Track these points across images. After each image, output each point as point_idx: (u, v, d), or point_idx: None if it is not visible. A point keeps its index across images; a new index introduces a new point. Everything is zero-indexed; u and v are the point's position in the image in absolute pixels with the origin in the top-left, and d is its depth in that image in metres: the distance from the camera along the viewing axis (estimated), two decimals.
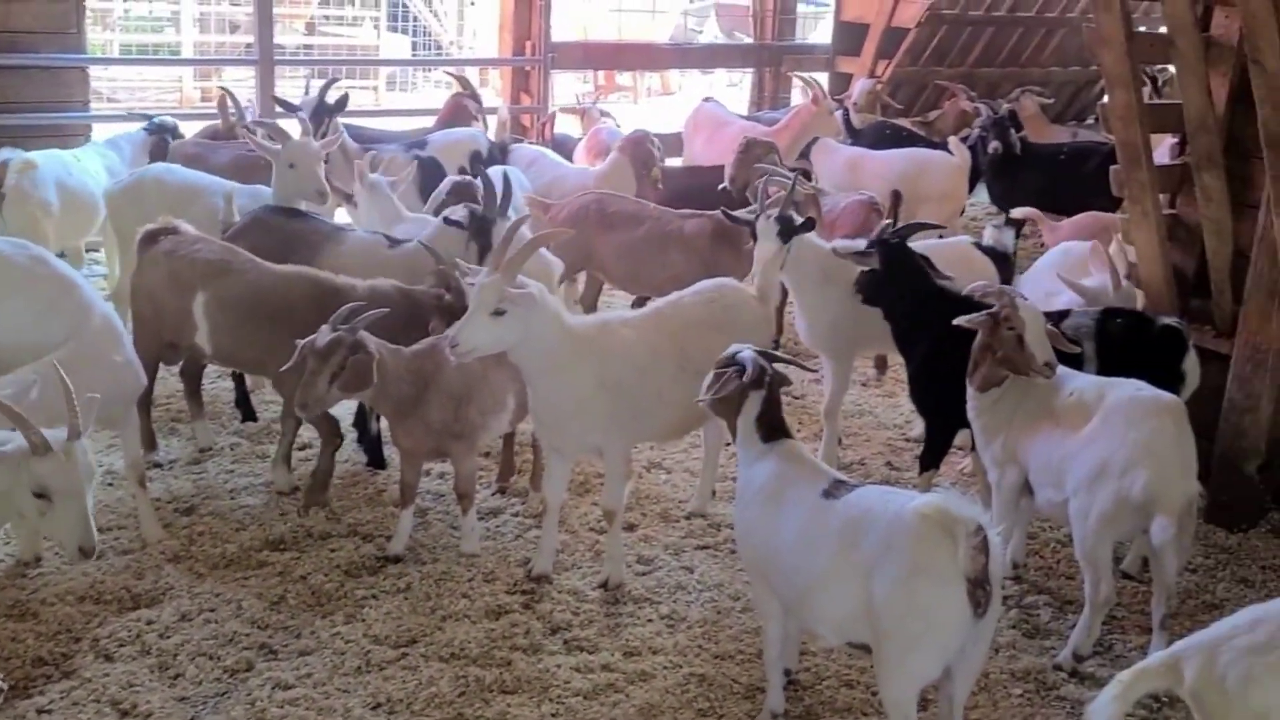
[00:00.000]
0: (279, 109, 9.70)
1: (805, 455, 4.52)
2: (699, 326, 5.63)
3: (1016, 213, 8.95)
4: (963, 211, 11.20)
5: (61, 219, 8.59)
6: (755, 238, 6.50)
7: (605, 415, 5.31)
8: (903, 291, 5.99)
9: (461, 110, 10.88)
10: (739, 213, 6.86)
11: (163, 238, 6.26)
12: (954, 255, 6.98)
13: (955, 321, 5.27)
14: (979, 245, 7.28)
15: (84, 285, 5.64)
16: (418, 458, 5.74)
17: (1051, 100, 13.75)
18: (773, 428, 4.53)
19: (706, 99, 12.77)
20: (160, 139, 9.58)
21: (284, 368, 5.36)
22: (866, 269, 6.06)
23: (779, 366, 4.62)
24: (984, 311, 5.25)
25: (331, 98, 9.29)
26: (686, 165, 11.29)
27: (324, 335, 5.21)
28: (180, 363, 6.79)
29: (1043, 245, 12.31)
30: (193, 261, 6.13)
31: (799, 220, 6.59)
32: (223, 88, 10.46)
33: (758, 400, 4.51)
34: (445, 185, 7.97)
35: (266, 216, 7.00)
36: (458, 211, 6.83)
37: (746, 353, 4.57)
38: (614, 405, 5.30)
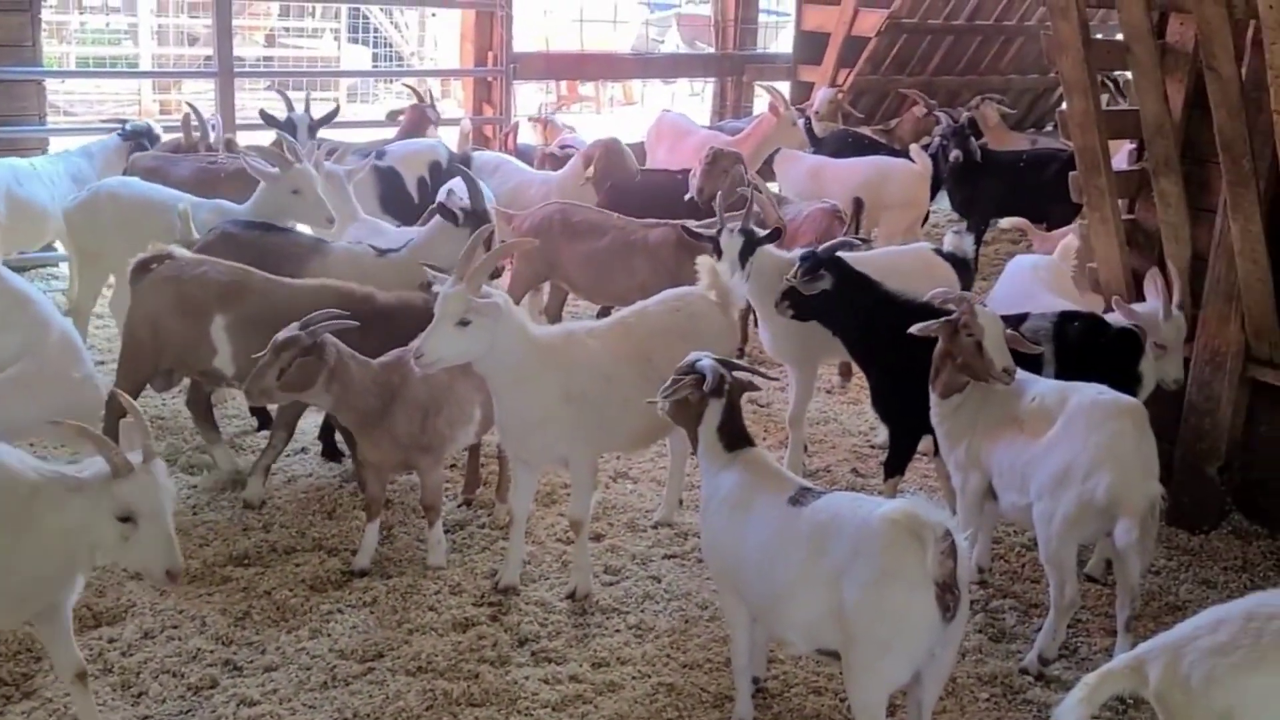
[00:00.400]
0: (265, 123, 9.58)
1: (770, 463, 4.53)
2: (663, 335, 5.64)
3: (1005, 223, 9.01)
4: (927, 218, 11.28)
5: (9, 228, 8.51)
6: (719, 252, 6.54)
7: (571, 426, 5.30)
8: (857, 306, 6.02)
9: (421, 121, 10.89)
10: (699, 226, 6.89)
11: (156, 264, 6.17)
12: (915, 261, 7.04)
13: (912, 330, 5.31)
14: (939, 251, 7.32)
15: (39, 300, 5.56)
16: (384, 471, 5.71)
17: (1012, 110, 13.89)
18: (735, 436, 4.53)
19: (667, 110, 12.82)
20: (137, 145, 9.50)
21: (254, 356, 5.32)
22: (788, 288, 6.08)
23: (738, 374, 4.62)
24: (942, 318, 5.29)
25: (314, 109, 9.30)
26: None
27: (287, 331, 5.19)
28: (163, 388, 6.71)
29: (1011, 255, 12.46)
30: (205, 284, 6.05)
31: (762, 233, 6.61)
32: (189, 104, 10.31)
33: (718, 409, 4.52)
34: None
35: (237, 231, 6.85)
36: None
37: (705, 361, 4.57)
38: (580, 415, 5.29)
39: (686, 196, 8.92)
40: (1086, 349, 5.84)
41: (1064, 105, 6.57)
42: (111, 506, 3.94)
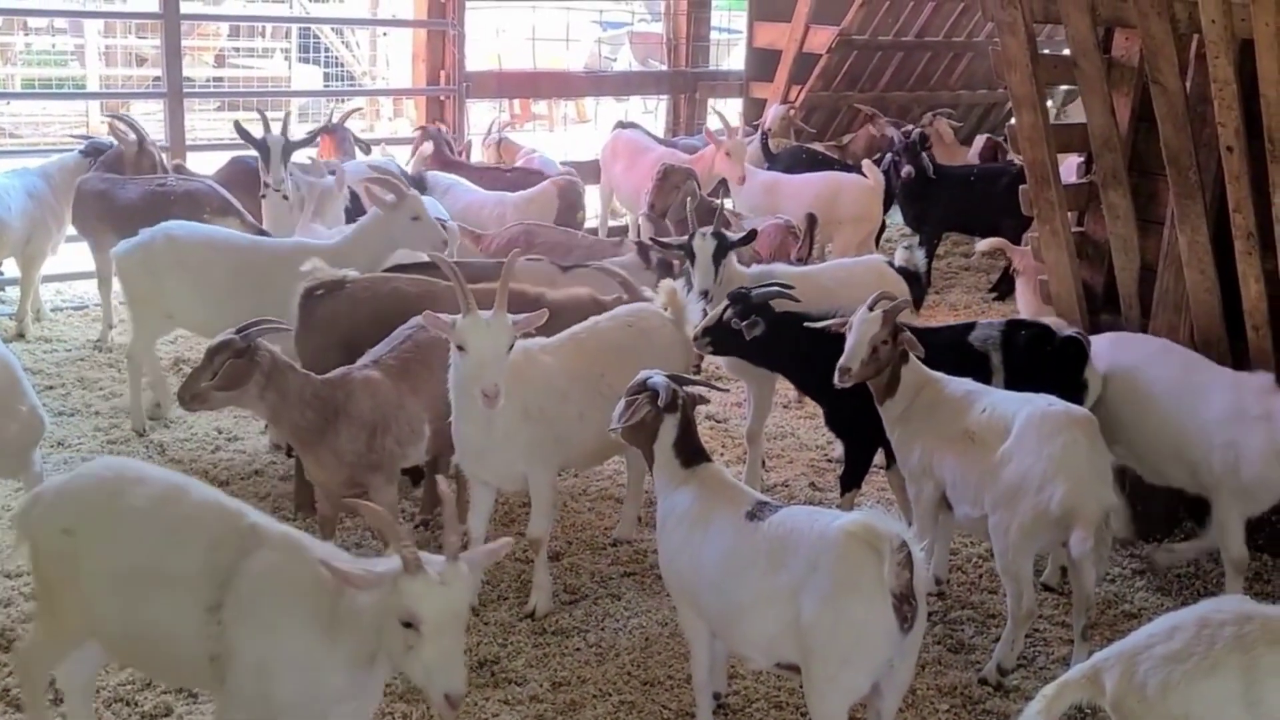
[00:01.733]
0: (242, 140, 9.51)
1: (727, 478, 4.53)
2: (616, 351, 5.64)
3: (983, 245, 9.05)
4: (882, 232, 11.38)
5: None
6: (691, 257, 6.55)
7: (529, 444, 5.28)
8: (792, 344, 6.03)
9: (345, 142, 10.97)
10: (666, 239, 6.90)
11: (324, 289, 6.19)
12: (867, 273, 7.07)
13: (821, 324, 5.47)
14: (891, 264, 7.37)
15: None
16: (332, 490, 5.63)
17: (960, 124, 14.03)
18: (692, 452, 4.53)
19: (626, 125, 12.79)
20: (96, 162, 9.36)
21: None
22: (709, 325, 6.12)
23: (690, 388, 4.62)
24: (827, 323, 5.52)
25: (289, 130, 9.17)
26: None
27: (221, 336, 5.16)
28: None
29: (964, 268, 12.58)
30: (402, 296, 6.14)
31: (735, 237, 6.64)
32: (119, 116, 10.12)
33: (673, 425, 4.51)
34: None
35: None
36: None
37: (657, 378, 4.57)
38: (538, 433, 5.27)
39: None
40: (1033, 356, 5.90)
41: (1013, 120, 6.65)
42: (395, 607, 3.44)
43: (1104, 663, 3.54)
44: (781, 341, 6.04)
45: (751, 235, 6.81)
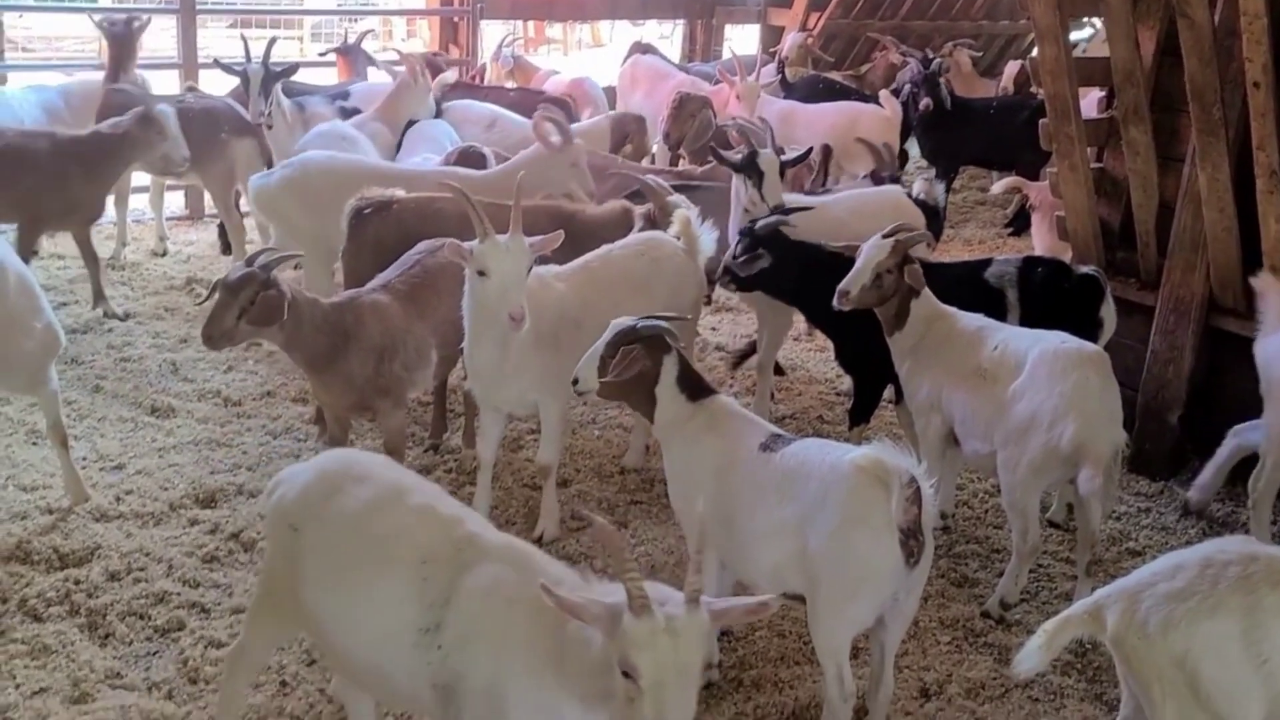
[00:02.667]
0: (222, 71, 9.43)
1: (738, 410, 4.52)
2: (629, 280, 5.64)
3: (999, 187, 8.96)
4: (905, 163, 11.28)
5: None
6: (755, 175, 6.51)
7: (542, 371, 5.28)
8: (799, 275, 6.01)
9: (359, 60, 10.87)
10: (727, 154, 6.84)
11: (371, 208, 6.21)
12: (885, 205, 7.00)
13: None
14: (910, 196, 7.31)
15: None
16: (340, 413, 5.66)
17: (981, 54, 13.85)
18: (697, 385, 4.51)
19: (644, 49, 12.61)
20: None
21: (200, 301, 5.28)
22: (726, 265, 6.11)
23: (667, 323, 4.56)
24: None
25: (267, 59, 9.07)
26: None
27: (237, 270, 5.12)
28: None
29: (979, 203, 12.49)
30: (446, 216, 6.10)
31: (791, 154, 6.62)
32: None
33: (673, 363, 4.47)
34: (452, 154, 7.79)
35: None
36: None
37: (643, 321, 4.49)
38: (550, 360, 5.27)
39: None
40: (1049, 294, 5.87)
41: (1034, 52, 6.56)
42: (616, 649, 2.90)
43: (1106, 599, 3.56)
44: (792, 273, 6.02)
45: (808, 153, 6.77)
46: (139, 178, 9.50)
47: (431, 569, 3.32)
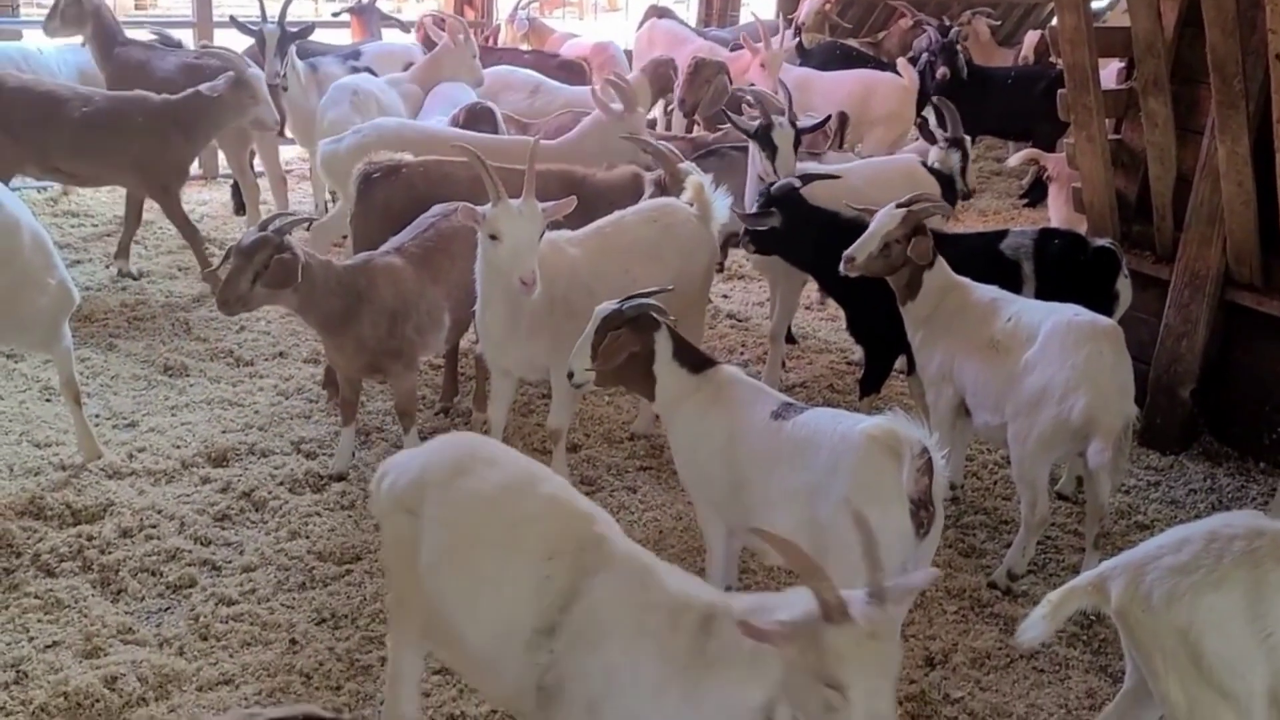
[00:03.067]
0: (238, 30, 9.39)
1: (745, 379, 4.51)
2: (642, 246, 5.63)
3: (1015, 160, 8.89)
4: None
5: None
6: (768, 147, 6.47)
7: (554, 335, 5.29)
8: (813, 240, 5.98)
9: (373, 20, 10.81)
10: (741, 120, 6.79)
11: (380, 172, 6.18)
12: (900, 174, 6.97)
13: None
14: (925, 165, 7.27)
15: (7, 201, 5.41)
16: (353, 375, 5.69)
17: (1000, 23, 13.73)
18: (697, 358, 4.50)
19: (661, 13, 12.51)
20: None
21: (214, 269, 5.29)
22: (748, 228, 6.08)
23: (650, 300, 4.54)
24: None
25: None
26: None
27: (250, 235, 5.12)
28: None
29: (995, 174, 12.42)
30: (454, 180, 6.13)
31: (808, 123, 6.56)
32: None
33: (666, 338, 4.45)
34: (460, 113, 7.75)
35: None
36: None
37: (626, 304, 4.45)
38: (562, 325, 5.27)
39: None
40: (1065, 266, 5.85)
41: (1054, 21, 6.50)
42: (813, 663, 2.72)
43: (1111, 571, 3.57)
44: (806, 237, 6.00)
45: (826, 120, 6.71)
46: None
47: (556, 566, 3.17)
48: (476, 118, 7.59)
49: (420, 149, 6.60)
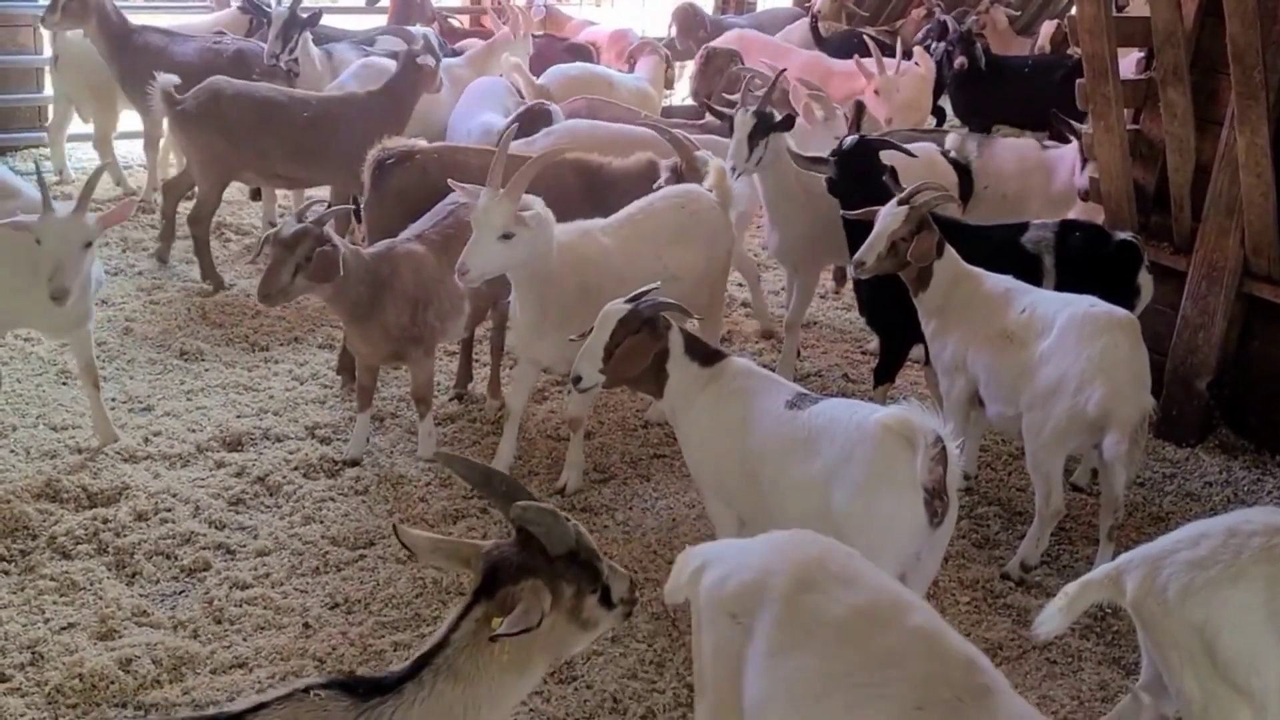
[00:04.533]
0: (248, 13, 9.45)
1: (758, 370, 4.50)
2: (671, 231, 5.68)
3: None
4: (942, 121, 11.14)
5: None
6: (730, 132, 6.48)
7: (586, 323, 5.29)
8: (850, 202, 5.93)
9: (411, 6, 10.73)
10: (720, 107, 6.79)
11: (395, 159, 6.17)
12: (919, 161, 6.93)
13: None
14: (943, 153, 7.23)
15: (26, 190, 5.41)
16: (374, 362, 5.70)
17: (1020, 13, 13.64)
18: (708, 352, 4.48)
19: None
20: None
21: (251, 259, 5.28)
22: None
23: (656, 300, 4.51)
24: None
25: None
26: None
27: (290, 226, 5.11)
28: None
29: None
30: (466, 168, 6.07)
31: (778, 117, 6.51)
32: None
33: (678, 335, 4.44)
34: (522, 112, 7.69)
35: None
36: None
37: (640, 305, 4.39)
38: (592, 314, 5.26)
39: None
40: (1086, 259, 5.81)
41: (1073, 10, 6.46)
42: None
43: (1127, 564, 3.55)
44: (842, 192, 5.96)
45: (789, 121, 6.64)
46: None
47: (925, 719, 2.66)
48: (535, 119, 7.54)
49: (614, 150, 6.66)
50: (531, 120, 7.46)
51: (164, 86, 7.34)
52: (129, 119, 9.65)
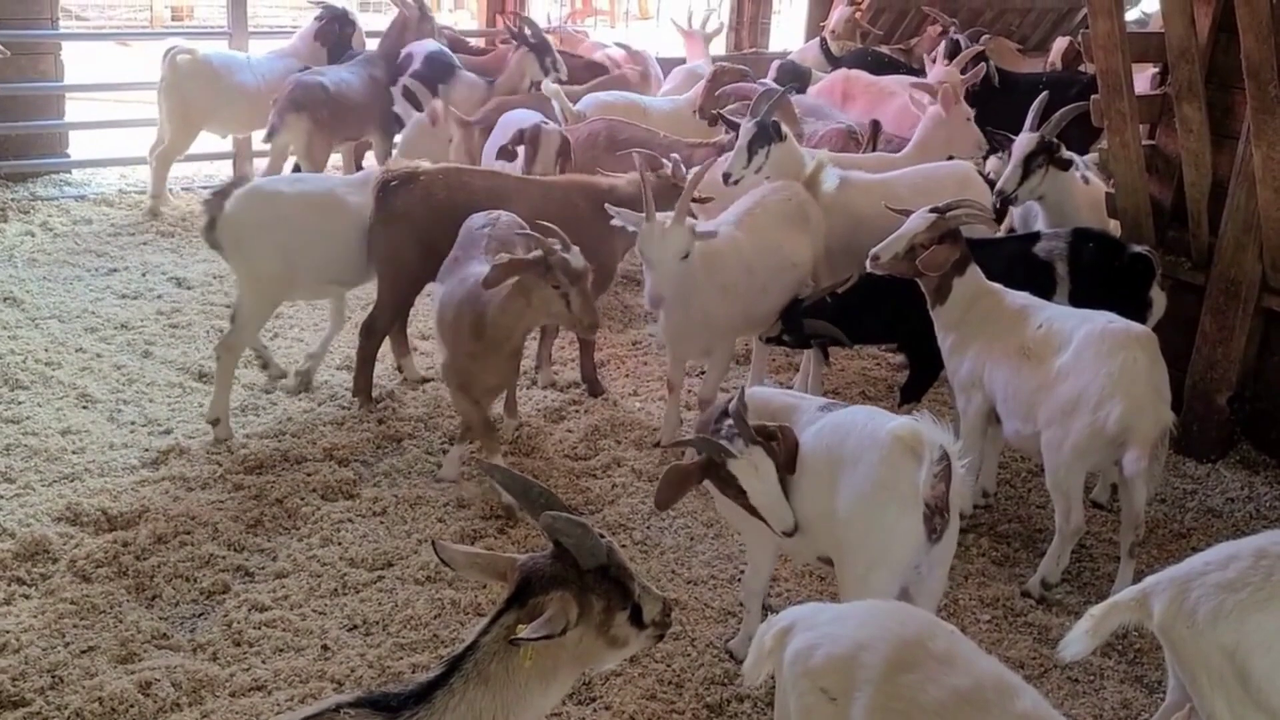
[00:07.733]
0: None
1: (778, 394, 4.65)
2: (785, 222, 6.11)
3: None
4: None
5: (221, 110, 9.45)
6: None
7: (725, 319, 5.85)
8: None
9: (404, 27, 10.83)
10: (730, 117, 7.15)
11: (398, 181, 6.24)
12: (951, 179, 6.87)
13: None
14: (980, 172, 7.23)
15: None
16: (490, 396, 5.75)
17: (1029, 35, 13.65)
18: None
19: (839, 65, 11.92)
20: (328, 30, 9.92)
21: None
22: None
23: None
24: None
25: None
26: None
27: (577, 258, 5.12)
28: None
29: None
30: (473, 190, 6.29)
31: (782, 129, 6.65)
32: None
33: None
34: (514, 135, 7.70)
35: None
36: None
37: (729, 420, 4.10)
38: (730, 308, 5.80)
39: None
40: (1100, 271, 5.79)
41: (1088, 27, 6.46)
42: None
43: (1154, 586, 3.50)
44: None
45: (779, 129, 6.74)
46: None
47: None
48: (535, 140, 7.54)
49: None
50: (532, 143, 7.49)
51: None
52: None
